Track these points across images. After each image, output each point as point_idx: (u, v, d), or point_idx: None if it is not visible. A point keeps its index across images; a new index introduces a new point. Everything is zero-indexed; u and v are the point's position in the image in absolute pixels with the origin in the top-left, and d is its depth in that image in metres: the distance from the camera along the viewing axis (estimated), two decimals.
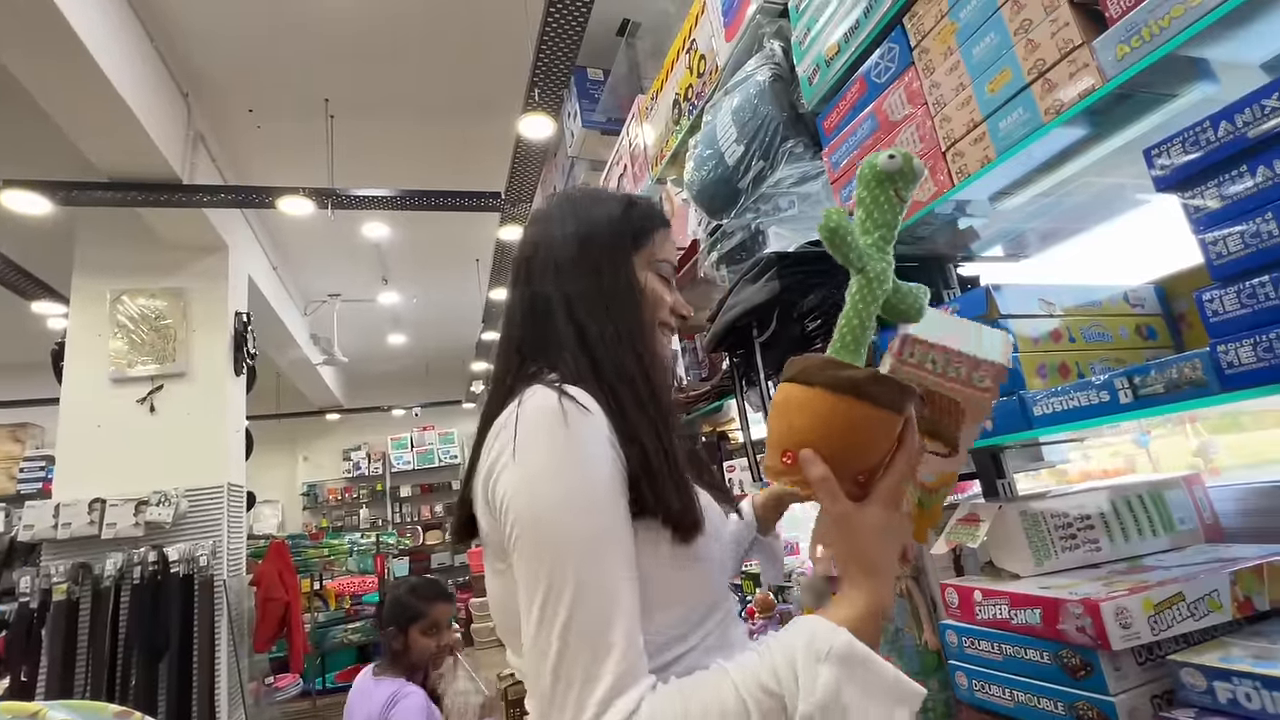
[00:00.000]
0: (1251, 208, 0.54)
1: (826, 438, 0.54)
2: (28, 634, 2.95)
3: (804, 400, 0.54)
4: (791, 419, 0.55)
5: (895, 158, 0.55)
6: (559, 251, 0.70)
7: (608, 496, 0.55)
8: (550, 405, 0.57)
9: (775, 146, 1.21)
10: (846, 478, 0.55)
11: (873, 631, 0.53)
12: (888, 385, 0.53)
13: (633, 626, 0.51)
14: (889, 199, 0.56)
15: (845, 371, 0.53)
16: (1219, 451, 1.47)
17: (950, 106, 0.84)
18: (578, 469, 0.54)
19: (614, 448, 0.57)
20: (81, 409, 3.40)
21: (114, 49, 2.48)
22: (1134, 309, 0.91)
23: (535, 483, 0.55)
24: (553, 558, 0.52)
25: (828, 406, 0.53)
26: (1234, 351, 0.55)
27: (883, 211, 0.57)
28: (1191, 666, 0.62)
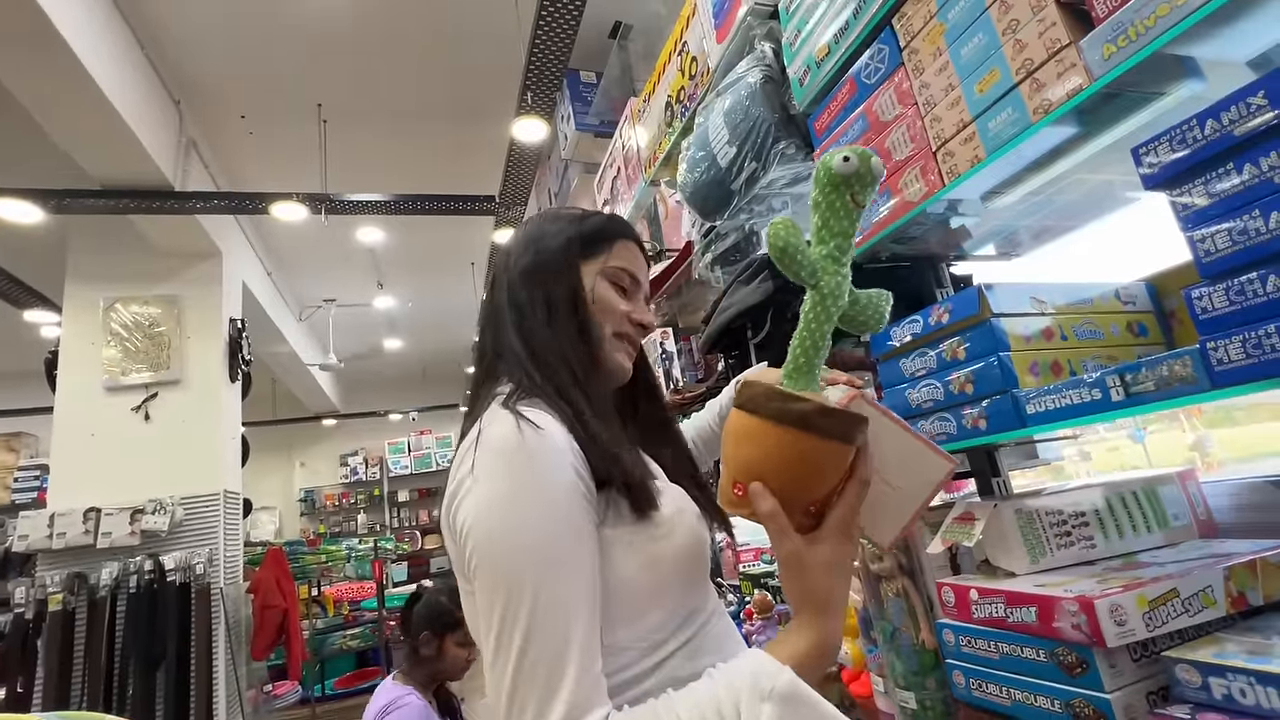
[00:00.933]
0: (1239, 205, 0.55)
1: (775, 470, 0.52)
2: (23, 645, 2.93)
3: (752, 431, 0.53)
4: (740, 449, 0.54)
5: (850, 159, 0.52)
6: (515, 263, 0.73)
7: (565, 521, 0.55)
8: (506, 432, 0.57)
9: (767, 148, 1.21)
10: (797, 510, 0.54)
11: (818, 668, 0.53)
12: (837, 417, 0.51)
13: (588, 655, 0.52)
14: (844, 205, 0.53)
15: (793, 404, 0.51)
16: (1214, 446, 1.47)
17: (940, 106, 0.84)
18: (533, 496, 0.55)
19: (574, 459, 0.58)
20: (75, 418, 3.38)
21: (105, 57, 2.47)
22: (1125, 306, 0.91)
23: (491, 511, 0.55)
24: (508, 586, 0.53)
25: (775, 439, 0.51)
26: (1224, 348, 0.56)
27: (839, 219, 0.54)
28: (1186, 663, 0.62)
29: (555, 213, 0.79)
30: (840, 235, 0.54)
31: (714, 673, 0.53)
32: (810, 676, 0.51)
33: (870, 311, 0.57)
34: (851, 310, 0.56)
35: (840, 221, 0.54)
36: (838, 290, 0.54)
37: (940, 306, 0.88)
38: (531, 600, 0.52)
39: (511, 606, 0.52)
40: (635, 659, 0.58)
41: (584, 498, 0.57)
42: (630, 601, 0.58)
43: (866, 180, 0.53)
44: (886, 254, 1.07)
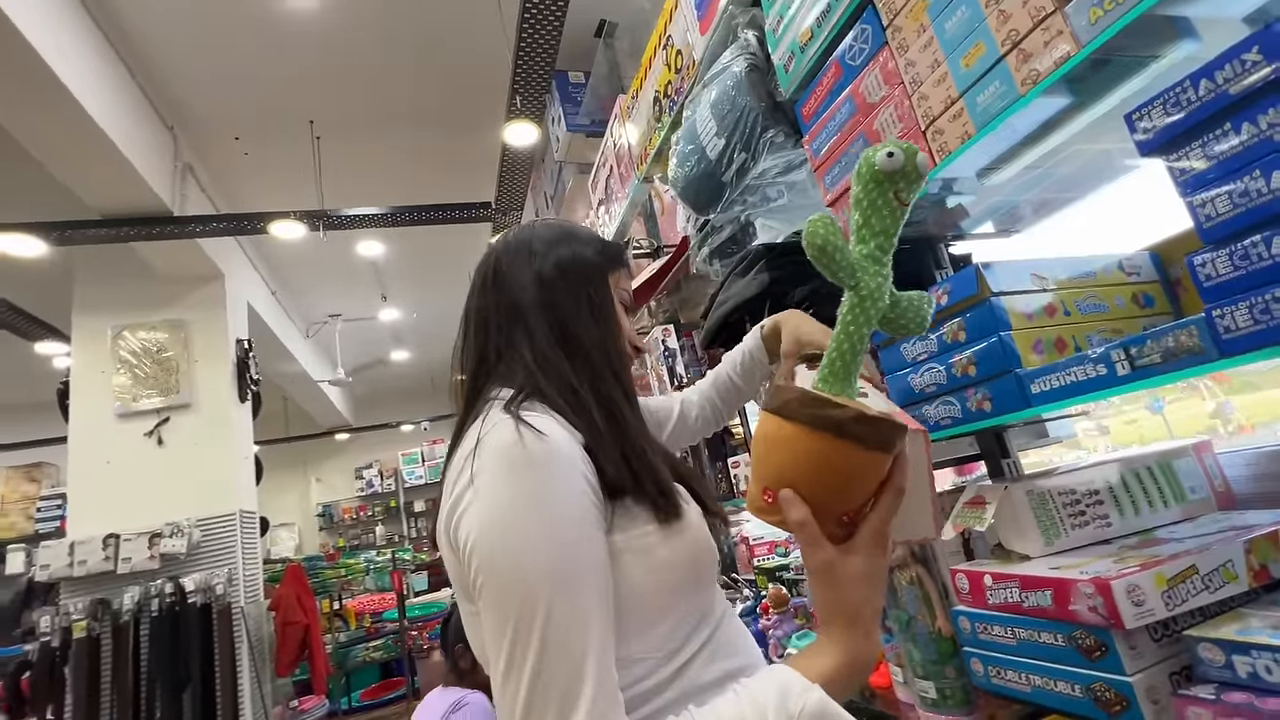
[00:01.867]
0: (1238, 166, 0.53)
1: (808, 478, 0.50)
2: (51, 673, 2.97)
3: (784, 437, 0.50)
4: (771, 455, 0.52)
5: (895, 155, 0.49)
6: (543, 260, 0.72)
7: (574, 532, 0.53)
8: (508, 441, 0.55)
9: (756, 137, 1.19)
10: (830, 519, 0.51)
11: (849, 686, 0.51)
12: (874, 425, 0.48)
13: (604, 671, 0.50)
14: (888, 202, 0.50)
15: (829, 410, 0.48)
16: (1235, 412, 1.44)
17: (927, 84, 0.82)
18: (539, 509, 0.53)
19: (582, 466, 0.56)
20: (90, 446, 3.42)
21: (97, 88, 2.49)
22: (1130, 277, 0.89)
23: (495, 526, 0.53)
24: (518, 604, 0.50)
25: (808, 446, 0.49)
26: (1230, 315, 0.54)
27: (880, 217, 0.51)
28: (1209, 641, 0.60)
29: (569, 223, 0.81)
30: (882, 234, 0.51)
31: (739, 689, 0.51)
32: (840, 694, 0.49)
33: (911, 314, 0.54)
34: (892, 313, 0.53)
35: (883, 220, 0.51)
36: (878, 292, 0.51)
37: (938, 288, 0.87)
38: (544, 618, 0.50)
39: (523, 626, 0.50)
40: (652, 669, 0.57)
41: (593, 505, 0.56)
42: (642, 611, 0.57)
43: (912, 176, 0.49)
44: None
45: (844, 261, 0.50)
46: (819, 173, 1.05)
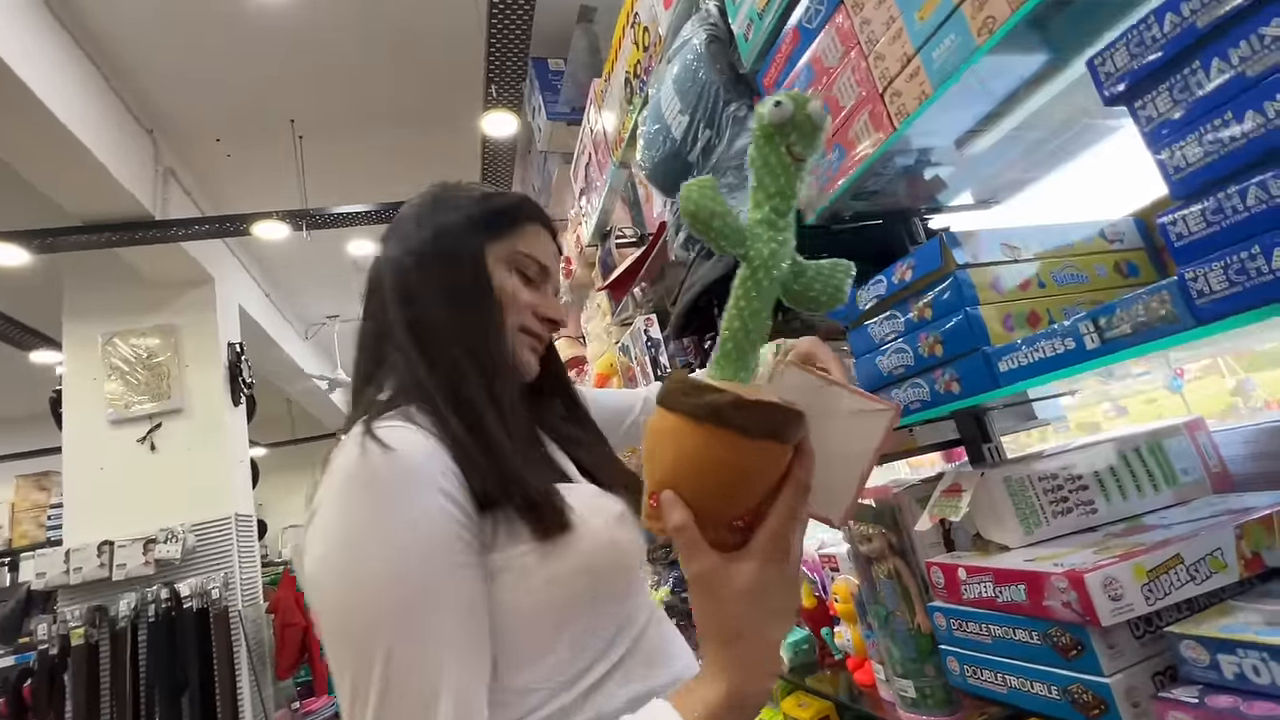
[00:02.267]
0: (1209, 108, 0.47)
1: (689, 476, 0.43)
2: (51, 681, 2.98)
3: (667, 430, 0.44)
4: (655, 453, 0.45)
5: (783, 104, 0.43)
6: (404, 245, 0.65)
7: (420, 558, 0.47)
8: (349, 460, 0.49)
9: (719, 112, 1.13)
10: (719, 524, 0.44)
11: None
12: (758, 410, 0.41)
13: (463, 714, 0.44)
14: (780, 159, 0.44)
15: (705, 396, 0.42)
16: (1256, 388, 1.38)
17: (882, 43, 0.76)
18: (377, 535, 0.46)
19: (442, 480, 0.50)
20: (84, 453, 3.42)
21: (69, 95, 2.45)
22: (1112, 245, 0.83)
23: (328, 558, 0.47)
24: (356, 645, 0.45)
25: (689, 438, 0.42)
26: (1204, 278, 0.48)
27: (774, 176, 0.45)
28: (1192, 639, 0.55)
29: (453, 188, 0.71)
30: (777, 195, 0.45)
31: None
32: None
33: (820, 284, 0.47)
34: (798, 284, 0.47)
35: (776, 179, 0.45)
36: (772, 259, 0.45)
37: (903, 263, 0.81)
38: (384, 659, 0.44)
39: (361, 669, 0.44)
40: (549, 698, 0.51)
41: (455, 523, 0.49)
42: (530, 636, 0.51)
43: (805, 128, 0.43)
44: (849, 212, 1.00)
45: (725, 227, 0.44)
46: None
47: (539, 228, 0.70)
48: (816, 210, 0.93)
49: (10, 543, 4.96)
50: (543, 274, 0.69)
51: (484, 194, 0.69)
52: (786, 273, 0.46)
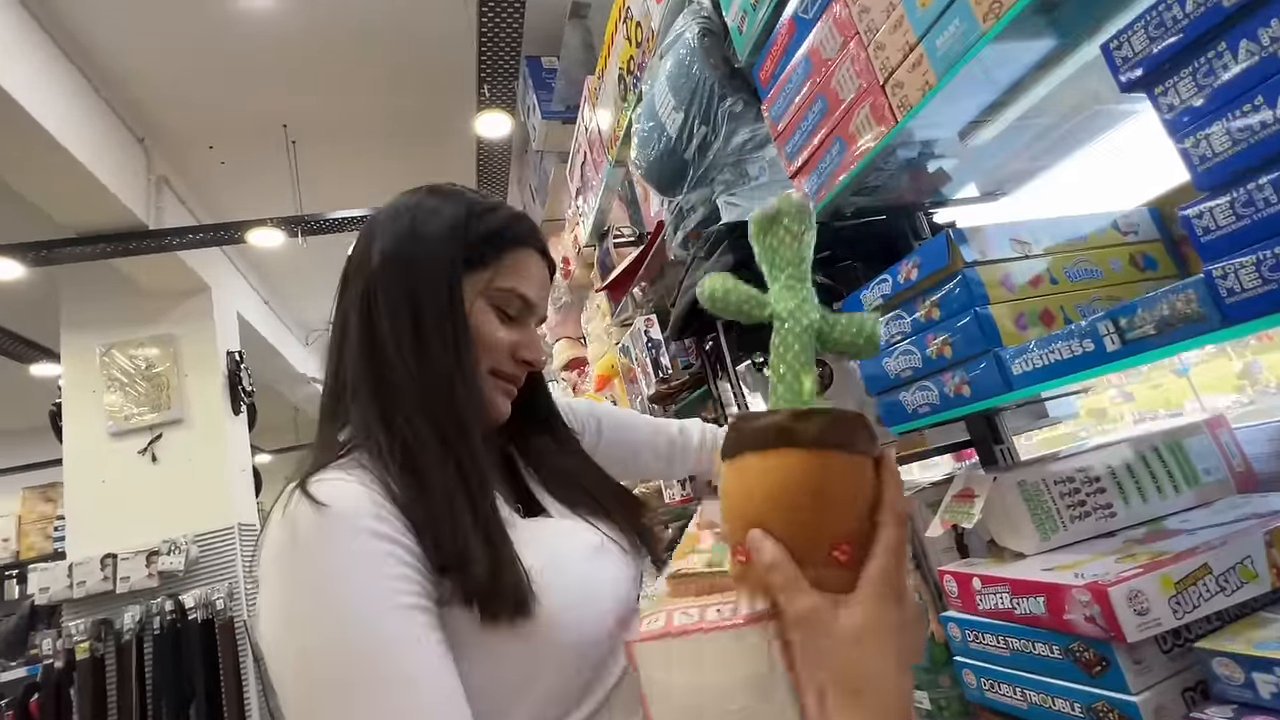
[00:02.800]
0: (1237, 93, 0.44)
1: (769, 509, 0.40)
2: (57, 695, 2.97)
3: (737, 475, 0.41)
4: (731, 504, 0.42)
5: (769, 203, 0.46)
6: (377, 260, 0.59)
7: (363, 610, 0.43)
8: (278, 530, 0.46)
9: (714, 108, 1.10)
10: (818, 559, 0.39)
11: None
12: (822, 418, 0.39)
13: None
14: (781, 239, 0.46)
15: (764, 420, 0.40)
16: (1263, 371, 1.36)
17: (883, 32, 0.73)
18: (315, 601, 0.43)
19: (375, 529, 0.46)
20: (85, 466, 3.41)
21: (57, 105, 2.43)
22: (1127, 237, 0.80)
23: (273, 641, 0.44)
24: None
25: (760, 470, 0.40)
26: (1234, 275, 0.45)
27: (781, 254, 0.46)
28: (1224, 656, 0.52)
29: (437, 199, 0.63)
30: (789, 266, 0.46)
31: None
32: None
33: (855, 331, 0.46)
34: (833, 332, 0.46)
35: (782, 254, 0.46)
36: (799, 311, 0.44)
37: (908, 261, 0.78)
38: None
39: None
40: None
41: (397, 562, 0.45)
42: (497, 692, 0.47)
43: (791, 211, 0.45)
44: (851, 209, 0.96)
45: (743, 294, 0.45)
46: (779, 141, 0.96)
47: (528, 252, 0.63)
48: (818, 207, 0.89)
49: (18, 555, 4.96)
50: (526, 309, 0.63)
51: (468, 212, 0.61)
52: (818, 322, 0.45)
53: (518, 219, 0.64)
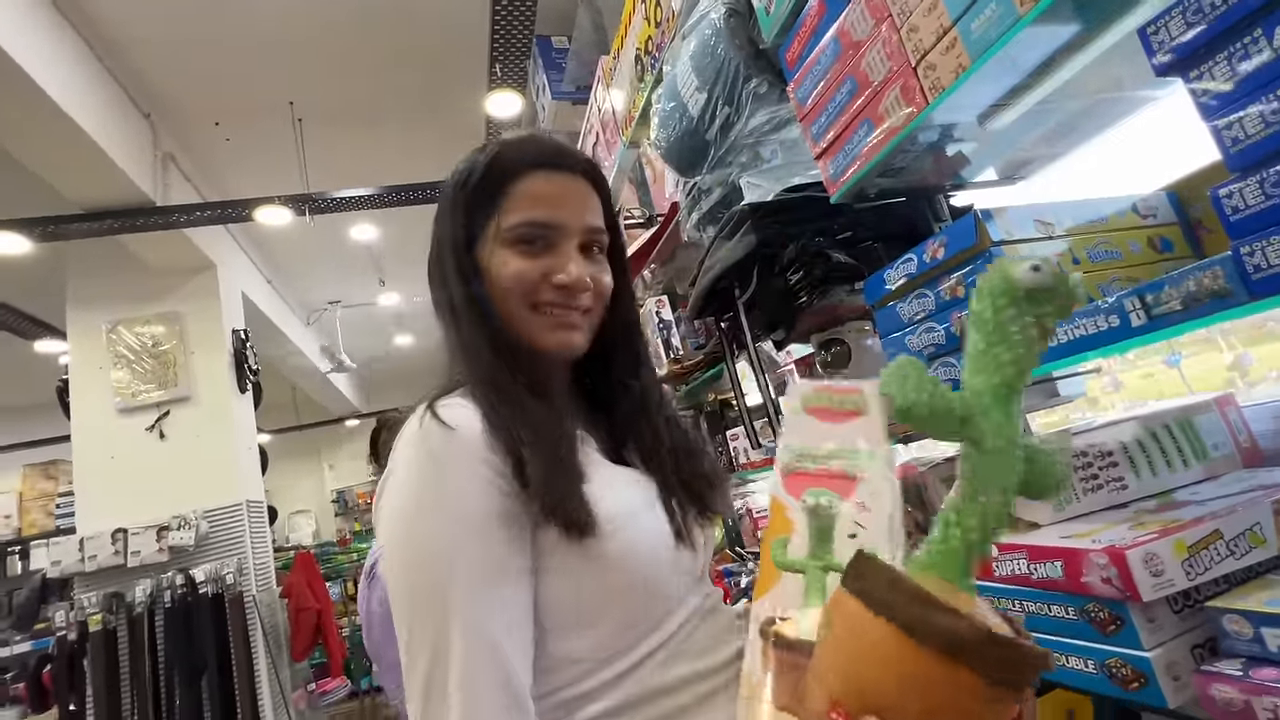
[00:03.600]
0: (1269, 79, 0.46)
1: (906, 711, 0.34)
2: (70, 666, 3.02)
3: (875, 640, 0.35)
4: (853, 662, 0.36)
5: (1041, 270, 0.36)
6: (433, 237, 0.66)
7: (467, 534, 0.49)
8: (410, 439, 0.53)
9: (739, 89, 1.11)
10: None
11: None
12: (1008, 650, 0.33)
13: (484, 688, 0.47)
14: (1025, 329, 0.36)
15: (940, 617, 0.33)
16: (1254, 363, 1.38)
17: (916, 14, 0.74)
18: (434, 508, 0.50)
19: (489, 459, 0.52)
20: (93, 442, 3.43)
21: (65, 78, 2.41)
22: (1145, 220, 0.82)
23: (395, 524, 0.52)
24: (412, 604, 0.49)
25: (911, 663, 0.34)
26: (1260, 252, 0.47)
27: (1012, 347, 0.37)
28: (1234, 613, 0.55)
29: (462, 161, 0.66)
30: (1012, 366, 0.37)
31: None
32: None
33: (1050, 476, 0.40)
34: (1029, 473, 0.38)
35: (1014, 349, 0.37)
36: (1007, 447, 0.37)
37: (934, 241, 0.80)
38: (435, 622, 0.48)
39: (416, 629, 0.49)
40: (588, 671, 0.52)
41: (503, 495, 0.51)
42: (575, 613, 0.53)
43: (1064, 302, 0.37)
44: (874, 190, 0.98)
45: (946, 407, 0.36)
46: (804, 123, 0.97)
47: (533, 175, 0.61)
48: (845, 186, 0.91)
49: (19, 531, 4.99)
50: (550, 232, 0.60)
51: (468, 167, 0.63)
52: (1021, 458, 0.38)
53: (513, 146, 0.63)
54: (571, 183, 0.62)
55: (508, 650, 0.48)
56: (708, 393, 2.23)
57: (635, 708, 0.52)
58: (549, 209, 0.60)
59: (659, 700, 0.53)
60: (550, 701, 0.52)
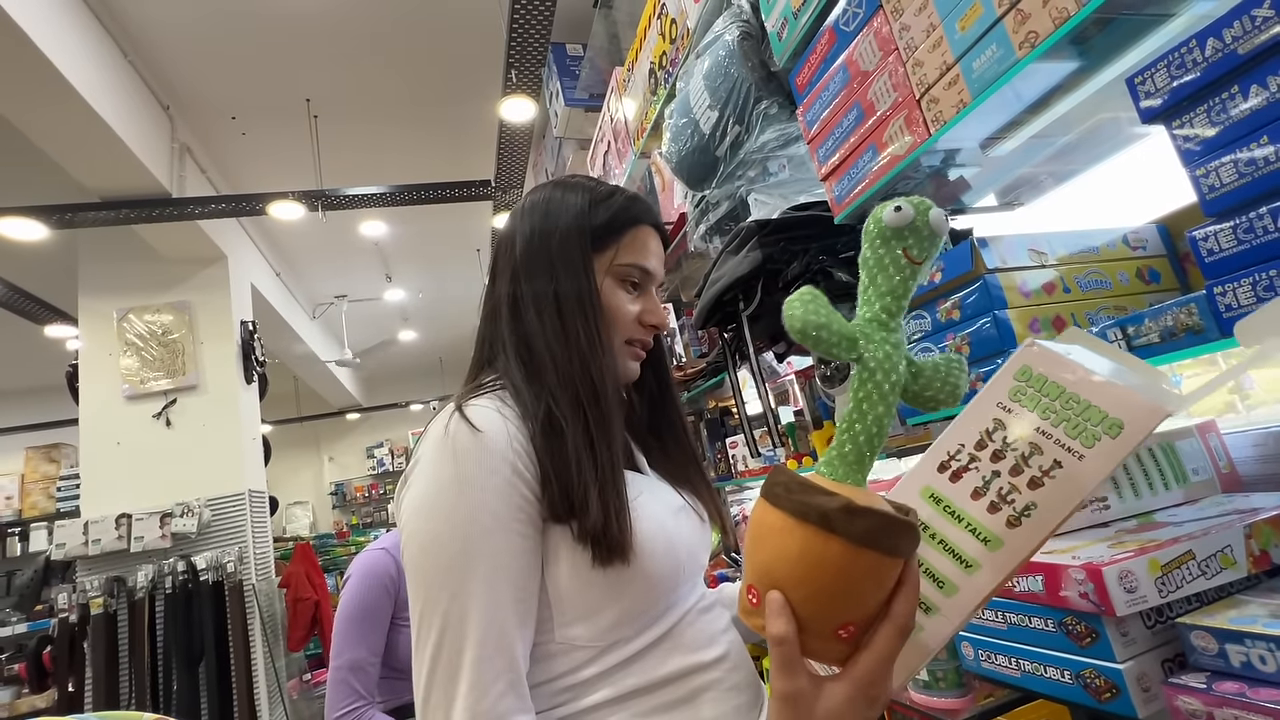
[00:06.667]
0: (1245, 132, 0.49)
1: (794, 580, 0.42)
2: (71, 648, 3.06)
3: (772, 526, 0.43)
4: (757, 547, 0.44)
5: (904, 209, 0.43)
6: (520, 247, 0.67)
7: (485, 527, 0.53)
8: (439, 433, 0.56)
9: (749, 109, 1.15)
10: (823, 632, 0.43)
11: None
12: (870, 518, 0.40)
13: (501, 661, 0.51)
14: (895, 260, 0.44)
15: (817, 498, 0.41)
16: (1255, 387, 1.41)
17: (922, 50, 0.78)
18: (452, 500, 0.53)
19: (513, 463, 0.55)
20: (100, 428, 3.46)
21: (90, 70, 2.46)
22: (1134, 252, 0.86)
23: (416, 512, 0.55)
24: (425, 587, 0.53)
25: (796, 540, 0.41)
26: (1232, 293, 0.51)
27: (888, 276, 0.44)
28: (1201, 629, 0.59)
29: (566, 187, 0.70)
30: (889, 295, 0.44)
31: None
32: None
33: (939, 384, 0.46)
34: (915, 384, 0.46)
35: (890, 279, 0.44)
36: (888, 363, 0.44)
37: (932, 265, 0.83)
38: (446, 603, 0.51)
39: (428, 609, 0.52)
40: (590, 659, 0.56)
41: (520, 497, 0.55)
42: (584, 602, 0.56)
43: (923, 233, 0.44)
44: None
45: (834, 335, 0.44)
46: (812, 146, 1.01)
47: (645, 228, 0.69)
48: (847, 210, 0.95)
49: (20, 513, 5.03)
50: (646, 278, 0.68)
51: (590, 200, 0.68)
52: (905, 374, 0.45)
53: (634, 200, 0.70)
54: (660, 242, 0.72)
55: (513, 637, 0.52)
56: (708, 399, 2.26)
57: (635, 696, 0.55)
58: (653, 260, 0.69)
59: (657, 691, 0.56)
60: (554, 687, 0.56)
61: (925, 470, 0.49)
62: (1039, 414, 0.44)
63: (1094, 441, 0.42)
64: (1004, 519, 0.45)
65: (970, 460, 0.47)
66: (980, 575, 0.46)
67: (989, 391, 0.47)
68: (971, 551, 0.46)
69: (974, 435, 0.47)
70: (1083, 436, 0.42)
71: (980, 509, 0.46)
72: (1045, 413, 0.44)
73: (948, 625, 0.47)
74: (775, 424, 1.46)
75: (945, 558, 0.47)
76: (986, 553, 0.46)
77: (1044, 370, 0.45)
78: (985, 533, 0.46)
